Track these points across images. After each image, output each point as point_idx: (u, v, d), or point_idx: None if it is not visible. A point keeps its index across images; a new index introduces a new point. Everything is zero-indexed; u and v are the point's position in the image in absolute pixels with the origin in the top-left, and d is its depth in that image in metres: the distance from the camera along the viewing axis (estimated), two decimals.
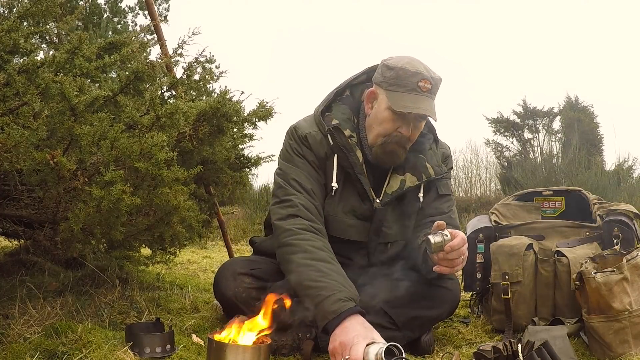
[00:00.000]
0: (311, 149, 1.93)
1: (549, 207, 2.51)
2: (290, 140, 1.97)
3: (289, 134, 1.99)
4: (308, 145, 1.94)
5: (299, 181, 1.89)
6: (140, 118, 1.77)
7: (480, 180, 11.57)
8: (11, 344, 1.63)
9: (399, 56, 1.87)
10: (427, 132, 2.04)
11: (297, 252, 1.76)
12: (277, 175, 1.97)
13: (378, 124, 1.89)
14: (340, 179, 1.93)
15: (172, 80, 2.20)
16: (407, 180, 1.96)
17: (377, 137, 1.89)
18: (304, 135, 1.94)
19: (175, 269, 3.60)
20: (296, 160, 1.94)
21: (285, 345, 1.84)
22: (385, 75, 1.86)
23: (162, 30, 2.57)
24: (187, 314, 2.25)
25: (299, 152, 1.94)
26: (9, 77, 1.54)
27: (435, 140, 2.06)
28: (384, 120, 1.87)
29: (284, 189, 1.90)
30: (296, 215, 1.83)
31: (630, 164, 7.13)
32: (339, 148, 1.90)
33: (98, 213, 1.60)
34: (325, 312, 1.64)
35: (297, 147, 1.95)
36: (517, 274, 2.16)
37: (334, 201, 1.94)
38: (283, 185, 1.91)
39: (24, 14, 1.67)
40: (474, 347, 1.95)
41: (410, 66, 1.82)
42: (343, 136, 1.90)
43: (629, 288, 1.89)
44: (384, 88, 1.86)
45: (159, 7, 11.28)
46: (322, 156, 1.93)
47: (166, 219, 1.86)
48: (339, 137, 1.90)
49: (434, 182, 2.03)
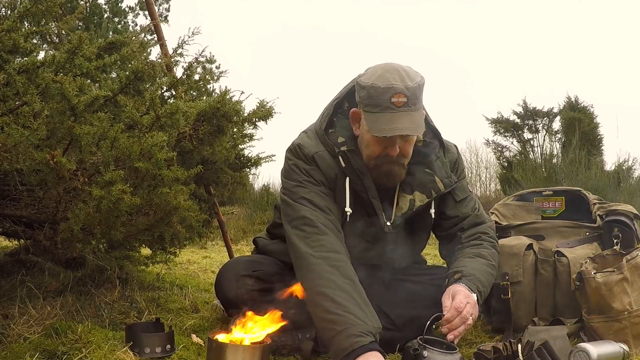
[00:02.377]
0: (320, 170, 1.80)
1: (549, 207, 2.51)
2: (296, 159, 1.83)
3: (293, 152, 1.85)
4: (316, 166, 1.81)
5: (310, 199, 1.76)
6: (140, 118, 1.77)
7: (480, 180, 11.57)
8: (11, 344, 1.63)
9: (373, 69, 1.73)
10: (431, 140, 1.91)
11: (313, 279, 1.65)
12: (283, 195, 1.84)
13: (365, 147, 1.78)
14: (351, 202, 1.82)
15: (172, 80, 2.20)
16: (417, 199, 1.86)
17: (369, 159, 1.78)
18: (311, 155, 1.81)
19: (175, 269, 3.60)
20: (304, 180, 1.80)
21: (285, 345, 1.84)
22: (360, 95, 1.73)
23: (162, 30, 2.57)
24: (187, 314, 2.25)
25: (306, 171, 1.80)
26: (9, 77, 1.54)
27: (442, 146, 1.93)
28: (369, 144, 1.76)
29: (294, 207, 1.77)
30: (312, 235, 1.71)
31: (630, 164, 7.14)
32: (352, 171, 1.80)
33: (98, 213, 1.60)
34: (338, 348, 1.53)
35: (304, 166, 1.81)
36: (517, 274, 2.15)
37: (346, 225, 1.82)
38: (292, 203, 1.78)
39: (24, 13, 1.67)
40: (474, 347, 1.95)
41: (381, 81, 1.66)
42: (359, 159, 1.79)
43: (629, 288, 1.89)
44: (362, 109, 1.74)
45: (159, 7, 11.30)
46: (332, 177, 1.81)
47: (166, 219, 1.86)
48: (353, 160, 1.79)
49: (448, 192, 1.92)
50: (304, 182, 1.79)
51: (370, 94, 1.68)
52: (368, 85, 1.68)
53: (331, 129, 1.85)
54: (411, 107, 1.67)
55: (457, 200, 1.95)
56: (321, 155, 1.81)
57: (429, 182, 1.88)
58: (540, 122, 11.61)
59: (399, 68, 1.71)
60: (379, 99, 1.66)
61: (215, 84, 3.15)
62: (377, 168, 1.78)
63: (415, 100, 1.68)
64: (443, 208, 1.96)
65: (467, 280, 1.76)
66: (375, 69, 1.72)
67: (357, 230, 1.85)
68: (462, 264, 1.84)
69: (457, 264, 1.85)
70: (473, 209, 1.99)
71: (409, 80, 1.67)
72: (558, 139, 10.55)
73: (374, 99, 1.67)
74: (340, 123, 1.86)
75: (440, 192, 1.89)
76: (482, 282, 1.79)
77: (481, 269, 1.83)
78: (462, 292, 1.70)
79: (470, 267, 1.82)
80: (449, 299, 1.68)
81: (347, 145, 1.80)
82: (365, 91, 1.69)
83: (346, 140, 1.81)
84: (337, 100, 1.88)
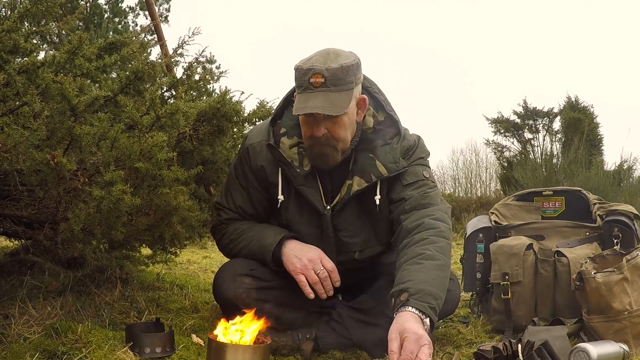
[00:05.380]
0: (249, 162, 1.96)
1: (549, 207, 2.51)
2: (240, 150, 2.02)
3: (242, 141, 2.04)
4: (248, 158, 1.96)
5: (233, 197, 2.01)
6: (140, 118, 1.77)
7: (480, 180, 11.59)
8: (11, 344, 1.63)
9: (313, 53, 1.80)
10: (382, 128, 1.91)
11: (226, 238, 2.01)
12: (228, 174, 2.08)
13: (301, 129, 1.86)
14: (292, 188, 1.92)
15: (172, 80, 2.20)
16: (355, 184, 1.87)
17: (305, 142, 1.85)
18: (247, 147, 1.97)
19: (175, 269, 3.60)
20: (238, 170, 2.01)
21: (285, 346, 1.84)
22: (294, 78, 1.82)
23: (162, 30, 2.57)
24: (187, 314, 2.25)
25: (241, 162, 2.00)
26: (9, 77, 1.54)
27: (397, 134, 1.91)
28: (301, 124, 1.85)
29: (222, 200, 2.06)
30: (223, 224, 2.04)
31: (630, 164, 7.14)
32: (278, 161, 1.91)
33: (98, 213, 1.60)
34: (265, 248, 1.86)
35: (242, 157, 1.99)
36: (517, 274, 2.15)
37: (290, 210, 1.94)
38: (223, 194, 2.06)
39: (24, 14, 1.67)
40: (474, 347, 1.95)
41: (305, 63, 1.75)
42: (278, 153, 1.88)
43: (629, 288, 1.89)
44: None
45: (160, 7, 11.29)
46: (258, 167, 1.94)
47: (166, 219, 1.86)
48: (275, 153, 1.90)
49: (397, 177, 1.89)
50: (237, 173, 2.01)
51: (296, 76, 1.78)
52: (296, 68, 1.78)
53: (279, 120, 1.94)
54: (330, 88, 1.72)
55: (404, 184, 1.88)
56: (254, 146, 1.95)
57: (370, 166, 1.86)
58: (540, 122, 11.62)
59: (330, 51, 1.78)
60: (301, 79, 1.75)
61: (215, 84, 3.15)
62: (310, 149, 1.84)
63: (336, 81, 1.72)
64: (391, 194, 1.90)
65: (415, 300, 1.57)
66: (312, 53, 1.80)
67: (304, 215, 1.94)
68: (407, 277, 1.64)
69: (402, 276, 1.66)
70: (424, 193, 1.87)
71: (332, 62, 1.73)
72: (558, 139, 10.55)
73: (298, 80, 1.77)
74: (288, 114, 1.93)
75: (382, 176, 1.85)
76: (434, 294, 1.60)
77: (429, 279, 1.64)
78: (411, 333, 1.47)
79: (417, 279, 1.62)
80: (397, 341, 1.47)
81: (287, 135, 1.90)
82: (295, 73, 1.79)
83: (287, 130, 1.90)
84: (288, 94, 1.97)
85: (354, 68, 1.77)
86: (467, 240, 2.45)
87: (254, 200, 2.00)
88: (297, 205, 1.93)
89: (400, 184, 1.89)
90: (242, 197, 2.00)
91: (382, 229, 1.95)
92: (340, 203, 1.89)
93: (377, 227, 1.95)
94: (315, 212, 1.92)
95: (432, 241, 1.74)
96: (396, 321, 1.54)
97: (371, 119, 1.91)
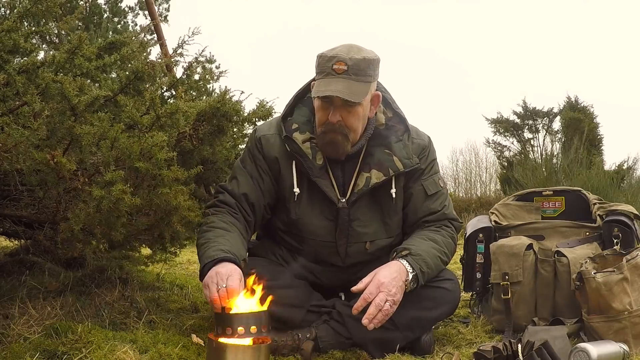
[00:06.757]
0: (262, 151, 1.98)
1: (549, 207, 2.51)
2: (249, 142, 2.04)
3: (250, 135, 2.06)
4: (260, 147, 1.98)
5: (240, 183, 1.97)
6: (140, 118, 1.77)
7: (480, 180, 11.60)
8: (11, 344, 1.63)
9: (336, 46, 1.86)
10: (394, 124, 1.99)
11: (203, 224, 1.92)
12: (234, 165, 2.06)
13: (316, 115, 1.91)
14: (305, 182, 1.95)
15: (172, 80, 2.20)
16: (373, 177, 1.92)
17: (319, 127, 1.89)
18: (259, 137, 1.99)
19: (175, 269, 3.60)
20: (247, 161, 2.00)
21: (285, 345, 1.84)
22: (315, 66, 1.87)
23: (162, 30, 2.58)
24: (187, 314, 2.25)
25: (251, 153, 2.00)
26: (9, 77, 1.54)
27: (407, 132, 1.99)
28: (317, 110, 1.89)
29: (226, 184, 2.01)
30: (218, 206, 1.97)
31: (630, 164, 7.14)
32: (294, 154, 1.93)
33: (98, 213, 1.60)
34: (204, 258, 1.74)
35: (251, 147, 2.01)
36: (517, 274, 2.16)
37: (302, 203, 1.96)
38: (229, 180, 2.02)
39: (24, 14, 1.67)
40: (474, 347, 1.95)
41: (329, 51, 1.82)
42: (295, 144, 1.92)
43: (629, 288, 1.89)
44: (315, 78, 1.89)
45: (159, 7, 11.29)
46: (272, 157, 1.96)
47: (166, 218, 1.86)
48: (291, 145, 1.92)
49: (414, 177, 1.99)
50: (246, 163, 2.00)
51: (319, 62, 1.84)
52: (319, 55, 1.84)
53: (290, 117, 1.98)
54: (351, 76, 1.79)
55: (428, 195, 2.00)
56: (267, 137, 1.98)
57: (387, 161, 1.94)
58: (540, 122, 11.63)
59: (354, 45, 1.85)
60: (324, 66, 1.81)
61: (215, 84, 3.15)
62: (323, 136, 1.87)
63: (358, 71, 1.80)
64: (414, 202, 2.00)
65: (412, 258, 1.82)
66: (336, 46, 1.85)
67: (316, 208, 1.95)
68: (413, 243, 1.91)
69: (408, 241, 1.93)
70: (442, 206, 2.03)
71: (355, 54, 1.81)
72: (558, 139, 10.56)
73: (320, 66, 1.83)
74: (298, 111, 1.99)
75: (399, 171, 1.93)
76: (428, 264, 1.84)
77: (430, 252, 1.88)
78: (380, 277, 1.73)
79: (420, 247, 1.88)
80: (369, 278, 1.75)
81: (299, 130, 1.94)
82: (317, 60, 1.85)
83: (299, 126, 1.95)
84: (299, 92, 2.03)
85: (374, 63, 1.84)
86: (467, 240, 2.46)
87: (264, 189, 1.98)
88: (309, 198, 1.96)
89: (424, 193, 2.00)
90: (249, 185, 1.97)
91: (393, 220, 2.01)
92: (357, 194, 1.93)
93: (388, 219, 2.00)
94: (328, 204, 1.94)
95: (443, 235, 1.98)
96: (384, 265, 1.79)
97: (382, 115, 2.00)
